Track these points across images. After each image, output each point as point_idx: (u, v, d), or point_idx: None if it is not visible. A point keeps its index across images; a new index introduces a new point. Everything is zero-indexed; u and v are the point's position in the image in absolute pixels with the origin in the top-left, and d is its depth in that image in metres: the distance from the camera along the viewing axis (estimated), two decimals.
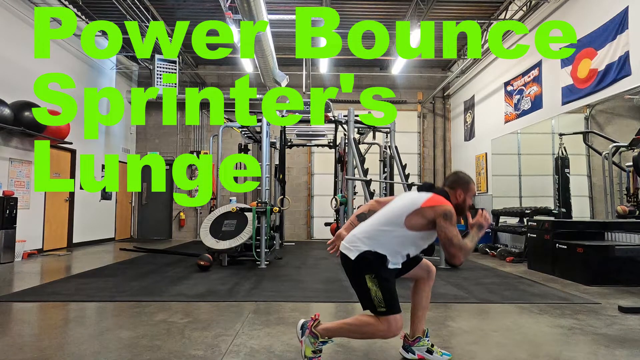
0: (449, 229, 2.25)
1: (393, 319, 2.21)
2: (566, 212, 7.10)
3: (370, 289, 2.24)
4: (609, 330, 3.20)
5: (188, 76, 11.75)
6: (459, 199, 2.47)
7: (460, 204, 2.47)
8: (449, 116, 12.59)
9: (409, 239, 2.33)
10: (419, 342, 2.58)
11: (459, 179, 2.50)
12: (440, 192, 2.45)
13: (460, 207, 2.47)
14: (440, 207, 2.29)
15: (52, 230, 8.49)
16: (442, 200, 2.35)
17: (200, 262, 5.96)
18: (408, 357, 2.59)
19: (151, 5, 8.70)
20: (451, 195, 2.47)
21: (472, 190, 2.50)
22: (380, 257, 2.28)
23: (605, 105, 6.60)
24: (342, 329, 2.34)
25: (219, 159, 9.54)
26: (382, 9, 8.96)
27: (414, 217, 2.30)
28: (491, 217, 2.35)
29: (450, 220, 2.27)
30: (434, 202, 2.32)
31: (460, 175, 2.52)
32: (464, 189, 2.47)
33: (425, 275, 2.62)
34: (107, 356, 2.59)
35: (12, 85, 7.30)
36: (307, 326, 2.40)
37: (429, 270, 2.63)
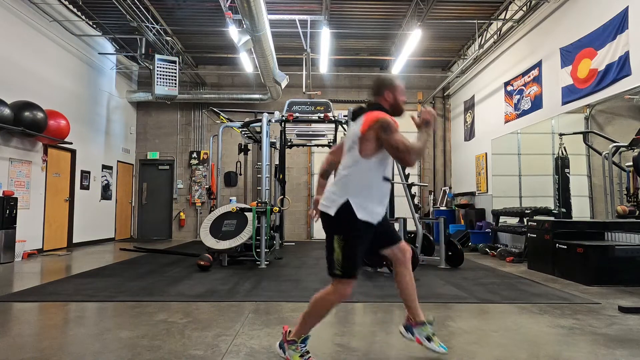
0: (391, 138, 2.23)
1: (345, 283, 2.27)
2: (566, 212, 7.10)
3: (335, 250, 2.27)
4: (609, 330, 3.20)
5: (188, 76, 11.75)
6: (390, 100, 2.45)
7: (394, 104, 2.45)
8: (449, 116, 12.59)
9: (372, 169, 2.32)
10: (422, 327, 2.57)
11: (380, 81, 2.49)
12: (370, 107, 2.43)
13: (395, 106, 2.46)
14: (375, 123, 2.27)
15: (52, 230, 8.49)
16: (374, 114, 2.32)
17: (200, 262, 5.96)
18: (407, 336, 2.61)
19: (151, 5, 8.70)
20: (381, 101, 2.45)
21: (398, 86, 2.48)
22: (353, 213, 2.27)
23: (605, 105, 6.59)
24: (306, 320, 2.38)
25: (219, 159, 9.55)
26: (382, 9, 8.96)
27: (364, 145, 2.30)
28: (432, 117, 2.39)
29: (389, 130, 2.24)
30: (368, 121, 2.30)
31: (379, 78, 2.52)
32: (389, 89, 2.45)
33: (401, 256, 2.56)
34: (107, 356, 2.59)
35: (12, 85, 7.31)
36: (283, 340, 2.45)
37: (404, 250, 2.58)
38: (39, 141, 7.95)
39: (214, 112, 10.22)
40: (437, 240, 6.67)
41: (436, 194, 12.35)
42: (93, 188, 10.03)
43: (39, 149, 8.06)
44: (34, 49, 7.92)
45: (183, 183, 12.17)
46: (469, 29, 9.58)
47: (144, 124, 12.24)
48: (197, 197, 12.03)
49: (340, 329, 3.21)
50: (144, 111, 12.22)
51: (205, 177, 12.12)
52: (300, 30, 8.71)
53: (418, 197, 11.77)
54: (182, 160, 12.23)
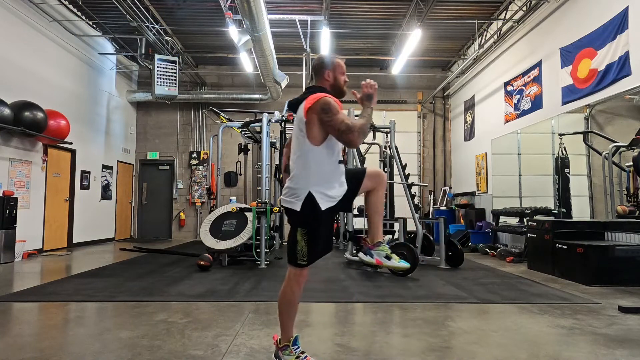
0: (332, 119, 2.18)
1: (305, 271, 2.30)
2: (566, 212, 7.10)
3: (299, 242, 2.26)
4: (609, 330, 3.20)
5: (188, 76, 11.75)
6: (330, 79, 2.40)
7: (335, 84, 2.40)
8: (449, 116, 12.59)
9: (326, 155, 2.27)
10: (379, 246, 2.50)
11: (319, 60, 2.43)
12: (310, 89, 2.37)
13: (336, 86, 2.41)
14: (315, 105, 2.21)
15: (52, 230, 8.49)
16: (314, 96, 2.25)
17: (200, 262, 5.96)
18: (366, 259, 2.56)
19: (151, 5, 8.70)
20: (322, 82, 2.40)
21: (338, 64, 2.42)
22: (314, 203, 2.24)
23: (605, 105, 6.59)
24: (283, 321, 2.37)
25: (219, 159, 9.55)
26: (382, 9, 8.96)
27: (310, 130, 2.24)
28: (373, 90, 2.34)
29: (330, 110, 2.19)
30: (308, 104, 2.24)
31: (318, 58, 2.46)
32: (328, 67, 2.40)
33: (370, 184, 2.47)
34: (107, 356, 2.59)
35: (12, 85, 7.30)
36: (277, 349, 2.41)
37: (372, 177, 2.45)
38: (39, 141, 7.95)
39: (214, 112, 10.22)
40: (437, 240, 6.67)
41: (436, 194, 12.35)
42: (93, 188, 10.03)
43: (39, 149, 8.06)
44: (34, 49, 7.92)
45: (183, 183, 12.17)
46: (469, 29, 9.58)
47: (144, 124, 12.23)
48: (197, 197, 12.03)
49: (340, 329, 3.21)
50: (144, 111, 12.22)
51: (205, 177, 12.12)
52: (300, 30, 8.71)
53: (418, 197, 11.77)
54: (182, 160, 12.23)
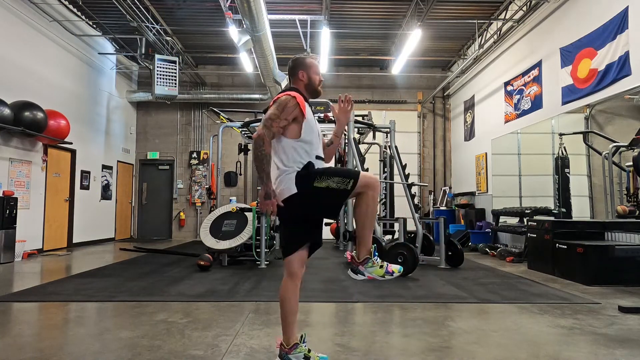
0: (268, 113, 2.25)
1: (365, 177, 2.26)
2: (566, 212, 7.10)
3: (327, 185, 2.24)
4: (609, 330, 3.20)
5: (188, 76, 11.75)
6: (304, 79, 2.43)
7: (309, 83, 2.44)
8: (449, 116, 12.59)
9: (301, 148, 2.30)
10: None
11: (293, 62, 2.48)
12: (283, 90, 2.42)
13: (310, 86, 2.44)
14: (273, 100, 2.31)
15: (52, 230, 8.49)
16: (280, 94, 2.34)
17: (200, 262, 5.96)
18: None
19: (151, 5, 8.70)
20: (296, 82, 2.45)
21: (311, 64, 2.46)
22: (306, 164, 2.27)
23: (605, 105, 6.59)
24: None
25: (219, 159, 9.55)
26: (382, 9, 8.96)
27: None
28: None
29: (278, 105, 2.25)
30: (274, 99, 2.33)
31: (294, 59, 2.50)
32: (301, 68, 2.43)
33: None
34: (107, 356, 2.59)
35: (12, 85, 7.30)
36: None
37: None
38: (39, 141, 7.95)
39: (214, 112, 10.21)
40: (437, 240, 6.67)
41: (436, 194, 12.35)
42: (93, 188, 10.03)
43: (39, 149, 8.06)
44: (34, 49, 7.92)
45: (183, 183, 12.17)
46: (469, 29, 9.58)
47: (144, 124, 12.23)
48: (197, 197, 12.03)
49: (340, 329, 3.21)
50: (144, 111, 12.22)
51: (205, 177, 12.12)
52: (300, 30, 8.71)
53: (418, 197, 11.76)
54: (182, 160, 12.23)
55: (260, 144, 2.18)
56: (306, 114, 2.32)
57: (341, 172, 2.31)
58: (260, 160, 2.20)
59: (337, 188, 2.23)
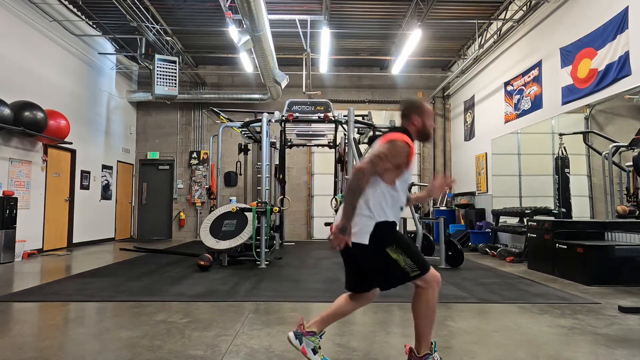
0: (379, 150, 2.16)
1: (431, 275, 2.20)
2: (566, 212, 7.10)
3: (398, 259, 2.16)
4: (609, 330, 3.20)
5: (188, 76, 11.74)
6: (418, 125, 2.37)
7: (422, 129, 2.37)
8: (449, 116, 12.59)
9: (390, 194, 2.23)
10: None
11: (409, 104, 2.42)
12: (395, 129, 2.35)
13: (423, 132, 2.38)
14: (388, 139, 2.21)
15: (52, 230, 8.49)
16: (392, 135, 2.25)
17: (200, 262, 5.96)
18: (293, 342, 2.36)
19: (151, 5, 8.70)
20: (408, 125, 2.37)
21: (427, 110, 2.39)
22: (390, 223, 2.21)
23: (605, 105, 6.59)
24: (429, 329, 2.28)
25: (219, 159, 9.55)
26: (382, 9, 8.95)
27: None
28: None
29: (392, 147, 2.16)
30: (386, 138, 2.24)
31: (409, 101, 2.44)
32: (417, 113, 2.37)
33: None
34: (107, 356, 2.59)
35: (12, 85, 7.31)
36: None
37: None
38: (39, 141, 7.95)
39: (214, 112, 10.22)
40: (437, 240, 6.67)
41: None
42: (93, 188, 10.03)
43: (39, 149, 8.06)
44: (34, 49, 7.92)
45: (183, 183, 12.17)
46: (469, 29, 9.58)
47: (144, 124, 12.23)
48: (197, 197, 12.03)
49: (340, 329, 3.21)
50: (144, 111, 12.22)
51: (205, 177, 12.12)
52: (300, 30, 8.71)
53: None
54: (182, 160, 12.23)
55: (361, 178, 2.09)
56: (409, 166, 2.25)
57: (416, 257, 2.19)
58: (353, 194, 2.10)
59: (403, 268, 2.17)
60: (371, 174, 2.14)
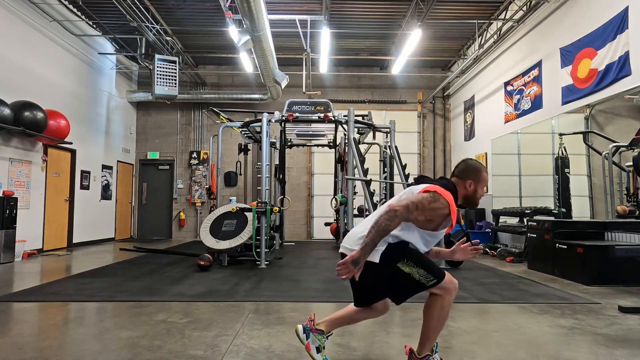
0: (418, 199, 2.07)
1: (448, 282, 2.12)
2: (566, 212, 7.10)
3: (410, 272, 2.10)
4: (609, 330, 3.20)
5: (188, 76, 11.74)
6: (469, 190, 2.24)
7: (471, 195, 2.25)
8: (449, 116, 12.59)
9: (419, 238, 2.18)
10: (319, 335, 2.34)
11: (469, 166, 2.27)
12: (444, 183, 2.23)
13: (471, 198, 2.26)
14: (434, 189, 2.11)
15: (52, 230, 8.49)
16: (440, 189, 2.13)
17: (200, 262, 5.96)
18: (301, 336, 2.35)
19: (151, 5, 8.70)
20: (459, 185, 2.25)
21: (484, 180, 2.26)
22: (401, 241, 2.16)
23: (605, 105, 6.59)
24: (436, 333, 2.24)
25: (219, 159, 9.56)
26: (382, 9, 8.96)
27: None
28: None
29: (432, 201, 2.07)
30: (433, 187, 2.14)
31: (470, 163, 2.29)
32: (474, 178, 2.24)
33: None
34: (107, 356, 2.59)
35: (12, 85, 7.31)
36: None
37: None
38: (39, 141, 7.95)
39: (214, 112, 10.23)
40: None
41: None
42: (93, 188, 10.03)
43: (39, 149, 8.06)
44: (34, 49, 7.92)
45: (183, 183, 12.17)
46: (469, 29, 9.58)
47: (144, 124, 12.23)
48: (197, 197, 12.03)
49: (340, 329, 3.21)
50: (144, 111, 12.22)
51: (205, 177, 12.12)
52: (300, 30, 8.71)
53: None
54: (182, 160, 12.23)
55: (392, 220, 2.02)
56: (441, 227, 2.18)
57: (429, 267, 2.12)
58: (379, 232, 2.02)
59: (418, 280, 2.11)
60: (404, 220, 2.07)
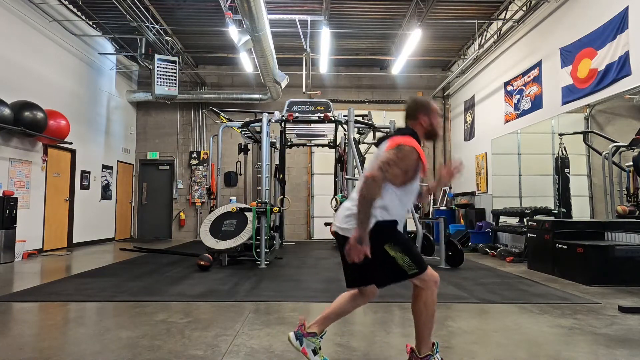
0: (387, 157, 2.14)
1: (427, 274, 2.20)
2: (566, 212, 7.10)
3: (395, 257, 2.17)
4: (609, 330, 3.20)
5: (188, 76, 11.75)
6: (425, 125, 2.34)
7: (429, 129, 2.35)
8: (449, 116, 12.59)
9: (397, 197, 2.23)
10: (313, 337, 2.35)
11: (415, 104, 2.38)
12: (403, 131, 2.32)
13: (431, 132, 2.36)
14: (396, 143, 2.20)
15: (52, 230, 8.49)
16: (400, 138, 2.22)
17: (200, 262, 5.96)
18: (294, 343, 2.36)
19: (151, 5, 8.70)
20: (416, 126, 2.34)
21: (434, 109, 2.37)
22: (390, 222, 2.21)
23: (605, 105, 6.59)
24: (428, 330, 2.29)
25: (219, 159, 9.56)
26: (382, 9, 8.95)
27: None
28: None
29: (400, 152, 2.15)
30: (393, 142, 2.22)
31: (416, 101, 2.40)
32: (425, 112, 2.34)
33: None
34: (107, 356, 2.59)
35: (12, 85, 7.31)
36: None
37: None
38: (39, 141, 7.95)
39: (214, 112, 10.23)
40: (437, 240, 6.67)
41: (436, 194, 12.35)
42: (93, 188, 10.03)
43: (39, 149, 8.06)
44: (34, 49, 7.92)
45: (183, 183, 12.17)
46: (469, 29, 9.58)
47: (144, 124, 12.23)
48: (197, 197, 12.03)
49: (340, 329, 3.21)
50: (144, 111, 12.22)
51: (205, 177, 12.12)
52: (300, 30, 8.71)
53: None
54: (182, 160, 12.23)
55: (374, 187, 2.07)
56: (420, 169, 2.24)
57: (414, 256, 2.20)
58: (368, 203, 2.07)
59: (400, 266, 2.17)
60: (383, 182, 2.13)
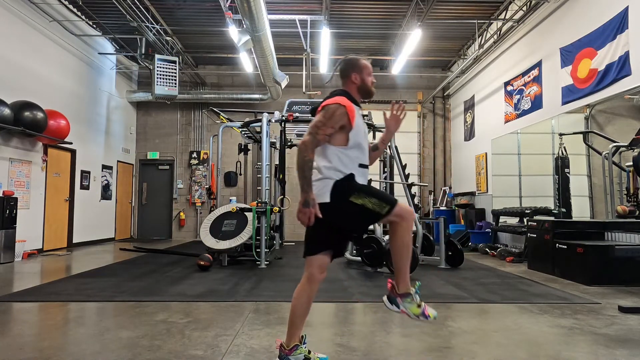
0: (315, 120, 2.21)
1: (403, 207, 2.23)
2: (566, 212, 7.10)
3: (364, 203, 2.21)
4: (609, 330, 3.20)
5: (188, 76, 11.75)
6: (357, 82, 2.39)
7: (361, 86, 2.40)
8: (449, 116, 12.59)
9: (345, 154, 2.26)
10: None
11: (346, 63, 2.42)
12: (333, 94, 2.36)
13: (363, 88, 2.40)
14: (322, 106, 2.26)
15: (52, 230, 8.49)
16: (330, 99, 2.28)
17: (200, 262, 5.96)
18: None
19: (151, 5, 8.70)
20: (348, 85, 2.40)
21: (364, 65, 2.40)
22: (346, 177, 2.25)
23: (605, 105, 6.59)
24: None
25: (219, 159, 9.55)
26: (382, 9, 8.96)
27: None
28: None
29: (325, 112, 2.21)
30: (321, 107, 2.28)
31: (346, 60, 2.44)
32: (355, 70, 2.38)
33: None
34: (107, 356, 2.59)
35: (12, 85, 7.31)
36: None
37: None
38: (39, 141, 7.95)
39: (214, 112, 10.22)
40: (437, 240, 6.67)
41: (436, 194, 12.35)
42: (93, 188, 10.03)
43: (39, 149, 8.06)
44: (34, 49, 7.92)
45: (183, 183, 12.17)
46: (469, 29, 9.58)
47: (144, 124, 12.23)
48: (197, 197, 12.03)
49: (340, 329, 3.21)
50: (144, 111, 12.22)
51: (205, 177, 12.12)
52: (300, 30, 8.71)
53: (418, 197, 11.76)
54: (182, 160, 12.23)
55: (304, 151, 2.15)
56: (354, 123, 2.26)
57: (380, 195, 2.26)
58: (302, 167, 2.15)
59: (372, 209, 2.21)
60: (314, 145, 2.19)
